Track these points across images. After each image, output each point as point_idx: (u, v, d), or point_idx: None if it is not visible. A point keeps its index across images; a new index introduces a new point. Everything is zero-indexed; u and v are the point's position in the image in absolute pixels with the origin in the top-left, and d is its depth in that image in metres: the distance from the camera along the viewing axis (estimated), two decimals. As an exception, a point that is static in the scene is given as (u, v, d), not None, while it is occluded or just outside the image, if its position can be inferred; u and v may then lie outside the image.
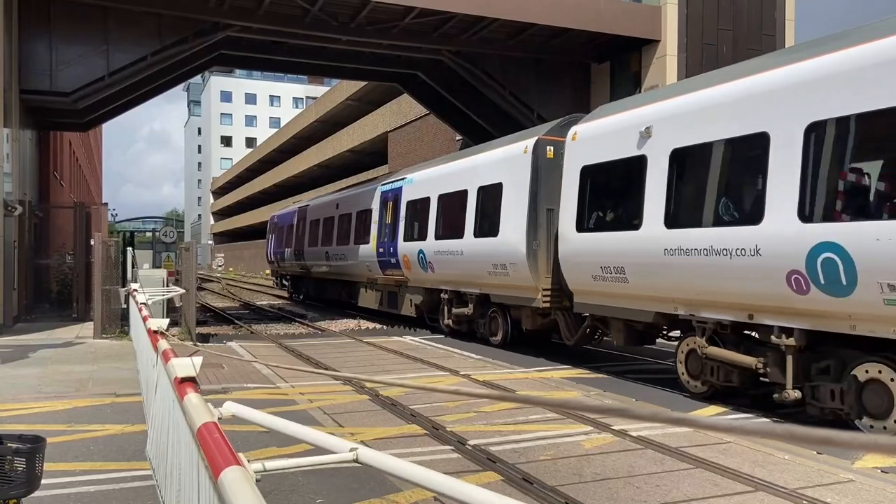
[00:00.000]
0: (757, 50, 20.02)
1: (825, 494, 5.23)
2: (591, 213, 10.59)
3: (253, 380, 9.88)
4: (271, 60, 23.12)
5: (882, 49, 6.74)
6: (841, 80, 7.06)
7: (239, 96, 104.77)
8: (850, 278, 6.84)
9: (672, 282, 8.92)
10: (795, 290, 7.36)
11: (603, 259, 10.06)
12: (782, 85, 7.73)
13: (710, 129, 8.49)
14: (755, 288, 7.80)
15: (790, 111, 7.56)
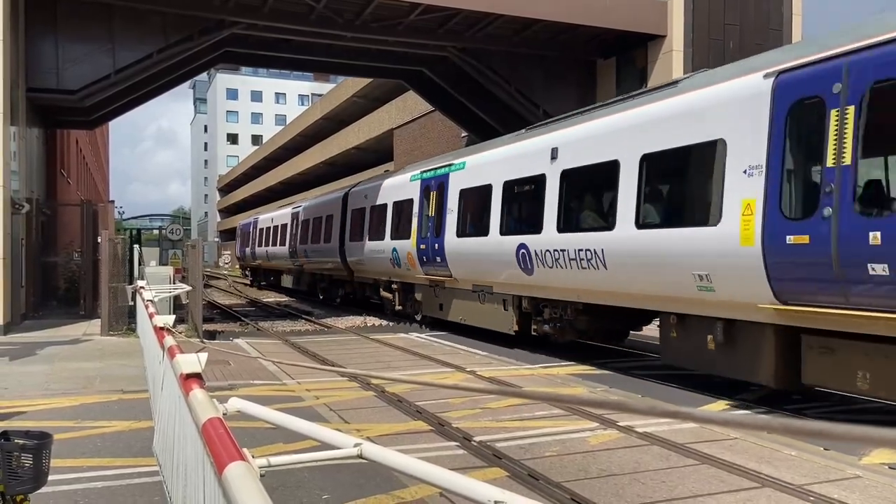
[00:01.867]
0: (763, 45, 19.93)
1: (832, 491, 5.22)
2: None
3: (259, 376, 9.91)
4: (277, 58, 23.14)
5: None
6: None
7: (245, 94, 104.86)
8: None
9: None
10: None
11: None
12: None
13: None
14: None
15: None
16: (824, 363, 7.13)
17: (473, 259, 13.64)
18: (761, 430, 1.00)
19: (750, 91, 7.75)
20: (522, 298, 12.52)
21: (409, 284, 17.27)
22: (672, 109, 8.95)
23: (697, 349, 8.60)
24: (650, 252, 9.04)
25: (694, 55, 19.12)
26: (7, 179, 14.38)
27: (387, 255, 17.57)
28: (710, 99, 8.34)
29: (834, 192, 6.70)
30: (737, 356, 8.14)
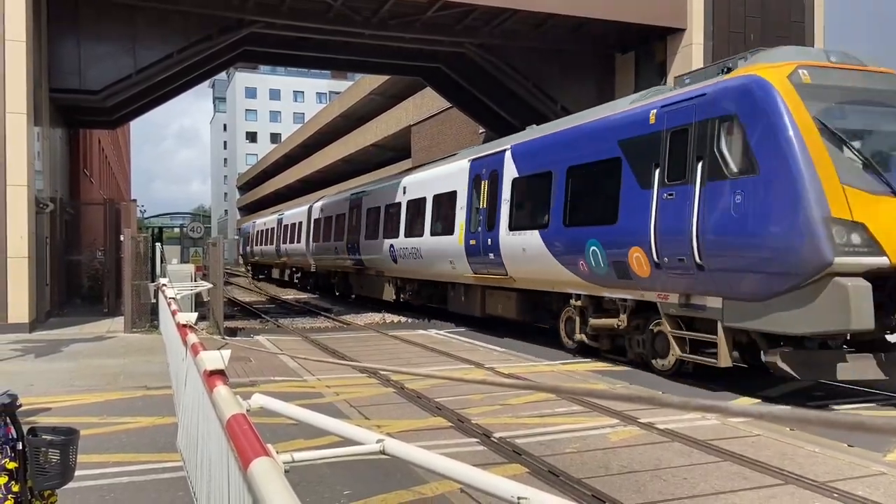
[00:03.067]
0: (785, 37, 19.66)
1: (856, 487, 5.16)
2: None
3: (280, 373, 9.99)
4: (295, 56, 23.24)
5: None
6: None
7: (263, 92, 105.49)
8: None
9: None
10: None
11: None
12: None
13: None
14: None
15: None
16: (491, 302, 14.71)
17: (374, 255, 20.40)
18: (799, 422, 1.00)
19: (463, 167, 15.32)
20: (395, 279, 19.65)
21: (346, 272, 24.35)
22: (445, 171, 16.43)
23: (461, 302, 16.02)
24: (435, 249, 16.17)
25: (714, 48, 18.91)
26: (31, 179, 14.60)
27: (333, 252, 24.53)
28: (454, 168, 15.80)
29: (482, 220, 14.07)
30: (470, 302, 15.56)
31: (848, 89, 8.33)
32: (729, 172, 8.35)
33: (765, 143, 7.97)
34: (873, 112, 8.41)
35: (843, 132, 7.94)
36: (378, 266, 20.34)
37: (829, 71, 8.42)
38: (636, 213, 9.73)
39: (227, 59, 21.27)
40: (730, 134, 8.44)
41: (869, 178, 7.72)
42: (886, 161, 8.00)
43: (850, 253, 7.40)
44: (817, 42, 19.97)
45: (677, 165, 9.14)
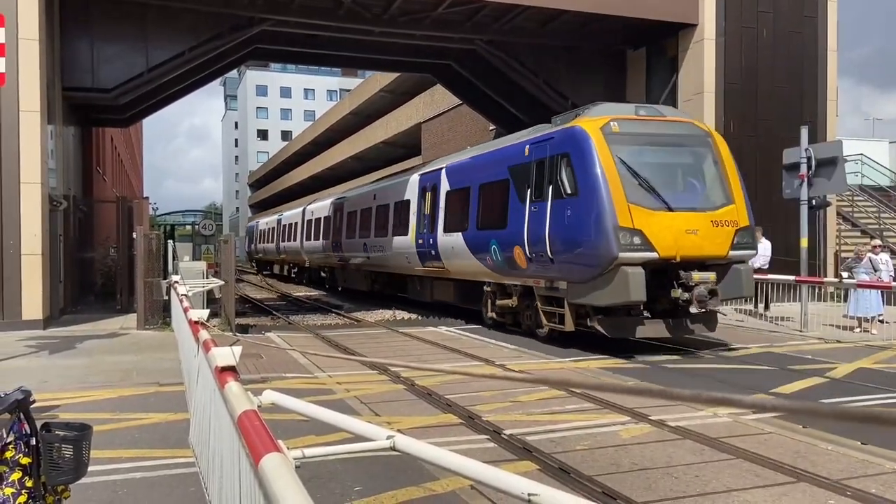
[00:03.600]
0: (798, 33, 19.51)
1: (870, 485, 5.12)
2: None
3: (291, 369, 10.02)
4: (306, 54, 23.29)
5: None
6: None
7: (274, 90, 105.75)
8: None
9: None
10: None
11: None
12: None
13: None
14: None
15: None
16: (436, 290, 17.41)
17: (353, 252, 23.16)
18: (813, 414, 0.99)
19: (414, 180, 18.14)
20: (369, 272, 22.50)
21: (332, 267, 27.17)
22: (402, 184, 19.23)
23: (416, 290, 18.91)
24: (397, 247, 18.79)
25: (726, 44, 18.79)
26: (45, 177, 14.72)
27: (321, 249, 27.85)
28: (409, 181, 18.60)
29: (427, 223, 16.77)
30: (423, 290, 18.41)
31: (645, 135, 11.50)
32: (564, 193, 11.52)
33: (582, 174, 11.14)
34: (660, 151, 11.53)
35: (634, 166, 11.05)
36: (356, 261, 23.24)
37: (634, 122, 11.59)
38: (517, 221, 12.82)
39: (238, 56, 21.35)
40: (565, 167, 11.56)
41: (648, 198, 10.88)
42: (663, 185, 11.14)
43: (630, 250, 10.54)
44: (830, 36, 19.79)
45: (539, 187, 12.27)
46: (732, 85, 18.83)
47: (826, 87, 19.76)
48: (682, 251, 10.73)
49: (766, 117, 19.14)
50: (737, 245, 11.12)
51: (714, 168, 11.77)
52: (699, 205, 11.24)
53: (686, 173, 11.77)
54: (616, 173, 10.80)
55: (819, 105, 19.68)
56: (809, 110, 19.38)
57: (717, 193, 11.51)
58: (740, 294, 11.73)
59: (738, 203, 11.39)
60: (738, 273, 11.18)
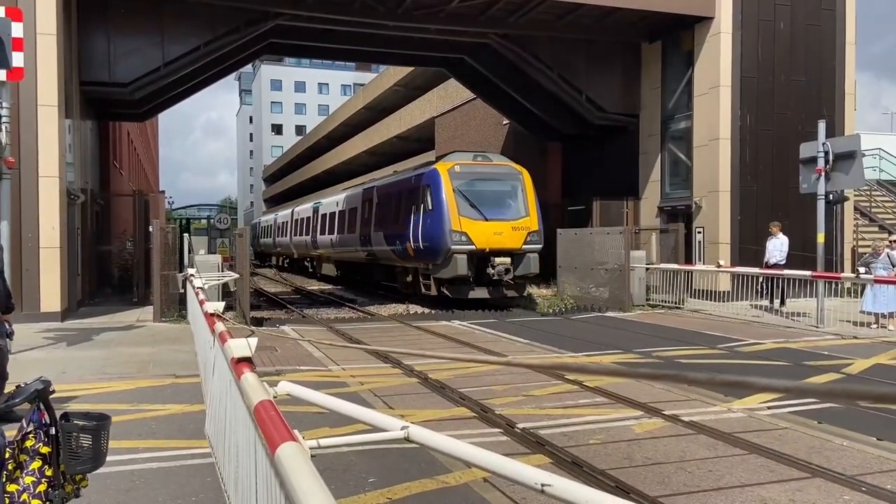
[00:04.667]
0: (817, 25, 19.29)
1: (885, 481, 5.09)
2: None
3: (305, 362, 10.09)
4: (320, 48, 23.34)
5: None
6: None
7: (288, 84, 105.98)
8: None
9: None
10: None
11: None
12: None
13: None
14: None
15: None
16: (373, 272, 23.31)
17: (325, 246, 28.71)
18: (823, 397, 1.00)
19: (360, 193, 24.01)
20: (334, 261, 28.56)
21: (312, 258, 33.07)
22: (355, 195, 24.71)
23: (364, 273, 24.84)
24: (351, 242, 23.96)
25: (743, 37, 18.60)
26: (63, 171, 14.86)
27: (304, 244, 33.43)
28: (352, 193, 25.22)
29: (366, 224, 22.80)
30: (367, 273, 24.38)
31: (475, 173, 17.93)
32: (426, 208, 17.68)
33: (435, 197, 17.40)
34: (484, 183, 17.92)
35: (465, 192, 17.34)
36: (327, 253, 29.00)
37: (470, 165, 18.11)
38: (408, 225, 18.61)
39: (253, 51, 21.42)
40: (428, 192, 17.71)
41: (472, 212, 17.15)
42: (482, 205, 17.37)
43: (459, 244, 16.78)
44: (849, 29, 19.54)
45: (416, 204, 18.30)
46: (749, 78, 18.65)
47: (844, 81, 19.53)
48: (491, 245, 17.06)
49: (783, 111, 18.96)
50: (527, 241, 17.41)
51: (519, 194, 18.01)
52: (505, 217, 17.49)
53: (499, 197, 17.95)
54: (453, 197, 17.17)
55: (837, 99, 19.45)
56: (827, 104, 19.17)
57: (517, 210, 17.78)
58: (529, 271, 17.57)
59: (531, 216, 17.67)
60: (528, 258, 17.46)
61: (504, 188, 18.07)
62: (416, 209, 18.26)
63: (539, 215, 17.82)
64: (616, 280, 17.55)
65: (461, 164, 17.94)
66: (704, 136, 18.98)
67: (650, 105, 21.20)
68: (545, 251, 18.49)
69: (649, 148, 21.30)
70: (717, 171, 18.54)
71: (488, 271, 17.10)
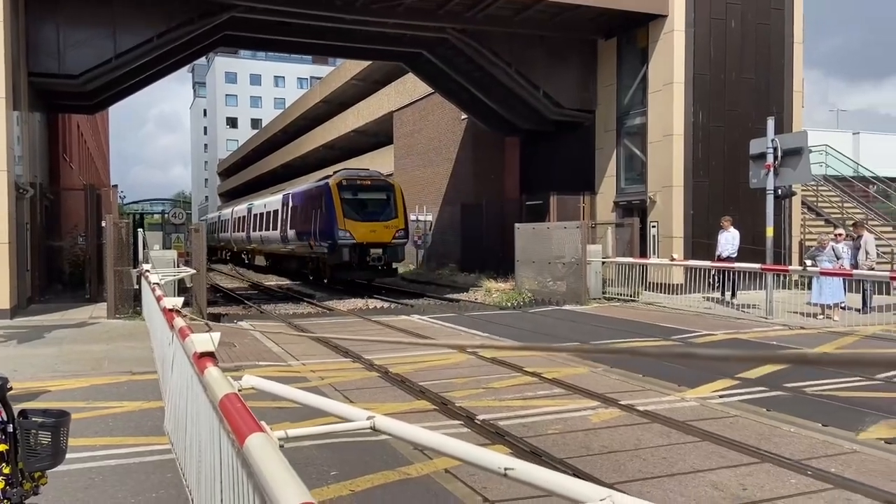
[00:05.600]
0: (766, 24, 19.83)
1: (829, 465, 5.33)
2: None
3: (265, 358, 10.03)
4: (277, 41, 23.03)
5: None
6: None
7: (243, 77, 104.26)
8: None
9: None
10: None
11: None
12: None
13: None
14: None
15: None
16: (292, 263, 28.86)
17: (257, 242, 33.70)
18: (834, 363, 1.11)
19: (279, 198, 30.13)
20: (265, 254, 33.43)
21: (248, 251, 37.61)
22: (277, 197, 31.11)
23: (284, 264, 30.00)
24: (274, 238, 30.09)
25: (696, 35, 19.02)
26: (11, 164, 14.42)
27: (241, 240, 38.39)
28: (278, 198, 30.49)
29: (284, 223, 28.61)
30: (287, 264, 29.39)
31: (358, 186, 23.22)
32: (322, 212, 23.01)
33: (328, 203, 22.71)
34: (365, 193, 23.19)
35: (349, 201, 22.61)
36: (258, 247, 34.09)
37: (355, 179, 23.54)
38: (312, 224, 24.16)
39: (208, 43, 21.04)
40: (322, 200, 23.24)
41: (354, 215, 22.37)
42: (362, 210, 22.72)
43: (344, 239, 21.97)
44: (796, 29, 20.14)
45: (317, 207, 23.84)
46: (701, 76, 19.10)
47: (792, 79, 20.14)
48: (367, 239, 22.30)
49: (735, 108, 19.46)
50: (396, 237, 22.83)
51: (391, 202, 23.33)
52: (379, 218, 22.86)
53: (375, 204, 23.28)
54: (340, 204, 22.51)
55: (785, 96, 20.05)
56: (776, 101, 19.74)
57: (389, 213, 23.14)
58: (397, 259, 23.22)
59: (399, 218, 23.14)
60: (397, 249, 22.98)
61: (380, 197, 23.51)
62: (316, 213, 23.93)
63: (406, 217, 23.89)
64: (573, 274, 17.82)
65: (348, 179, 23.61)
66: (658, 132, 19.37)
67: (606, 101, 21.53)
68: (503, 245, 22.09)
69: (605, 143, 21.64)
70: (671, 166, 18.95)
71: (367, 259, 22.50)
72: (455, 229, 30.38)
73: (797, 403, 7.31)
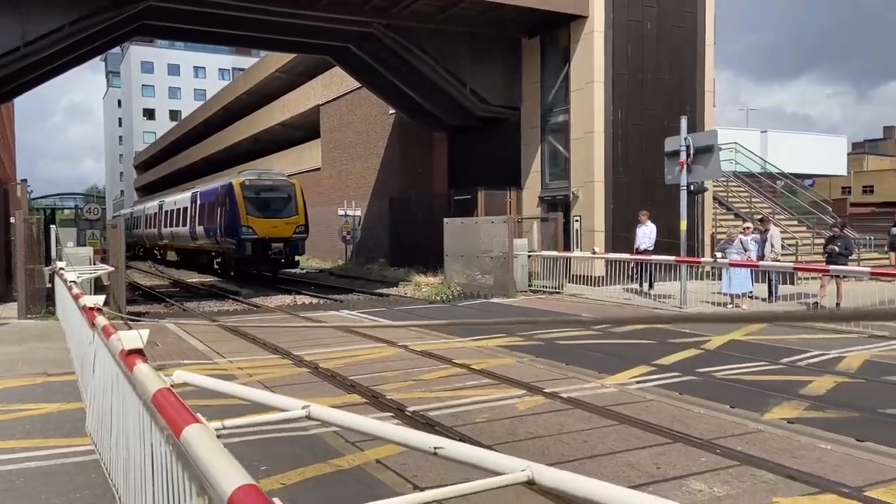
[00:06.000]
0: (680, 27, 20.70)
1: (735, 444, 5.72)
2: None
3: (189, 356, 9.85)
4: (198, 31, 22.39)
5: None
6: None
7: (161, 67, 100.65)
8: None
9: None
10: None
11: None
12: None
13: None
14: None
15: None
16: (200, 257, 30.84)
17: (168, 237, 35.27)
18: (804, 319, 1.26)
19: (188, 195, 31.92)
20: (174, 248, 35.16)
21: (160, 246, 38.76)
22: (186, 195, 32.70)
23: (195, 258, 31.72)
24: (183, 233, 31.90)
25: (614, 36, 19.66)
26: None
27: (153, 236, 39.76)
28: (187, 194, 32.40)
29: (192, 220, 30.33)
30: (197, 258, 31.17)
31: (259, 185, 25.63)
32: (226, 210, 25.06)
33: (231, 202, 24.97)
34: (266, 192, 25.52)
35: (251, 199, 24.91)
36: (170, 242, 35.51)
37: (256, 179, 26.04)
38: (217, 220, 26.02)
39: (124, 32, 20.28)
40: (227, 198, 25.33)
41: (256, 212, 24.71)
42: (264, 207, 25.12)
43: (247, 234, 24.28)
44: (708, 31, 21.09)
45: (222, 205, 25.67)
46: (620, 75, 19.76)
47: (704, 80, 21.09)
48: (269, 234, 24.46)
49: (652, 107, 20.24)
50: (296, 232, 25.26)
51: (292, 200, 25.69)
52: (280, 215, 25.10)
53: (276, 202, 25.50)
54: (243, 202, 24.62)
55: (698, 96, 20.99)
56: (689, 101, 20.64)
57: (290, 210, 25.49)
58: (298, 252, 25.87)
59: (300, 214, 25.59)
60: (297, 244, 25.51)
61: (281, 195, 25.78)
62: (222, 211, 25.81)
63: (306, 214, 26.04)
64: (500, 267, 18.18)
65: (250, 179, 25.89)
66: (580, 130, 19.94)
67: (531, 98, 21.99)
68: (432, 239, 21.76)
69: (531, 140, 22.10)
70: (593, 162, 19.55)
71: (269, 252, 24.68)
72: (384, 224, 30.37)
73: (707, 387, 7.76)
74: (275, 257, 24.72)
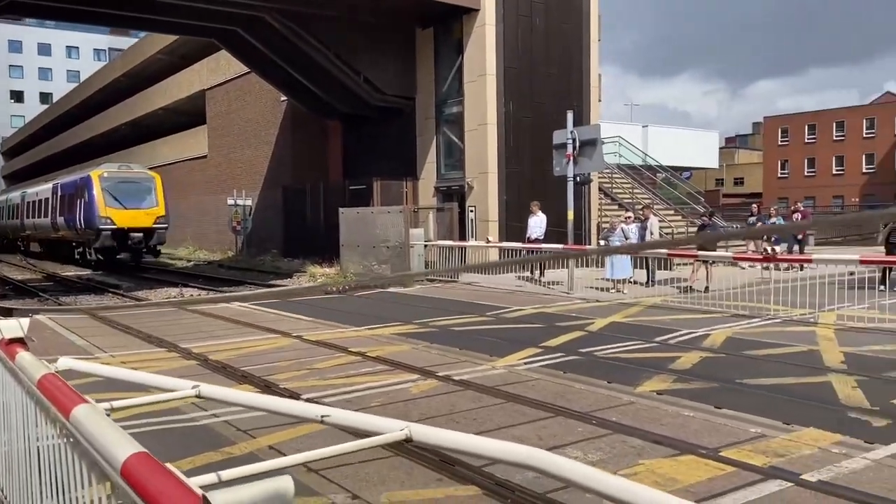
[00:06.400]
0: (567, 24, 21.53)
1: (610, 415, 6.17)
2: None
3: (68, 352, 9.38)
4: (73, 10, 21.11)
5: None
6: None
7: (30, 46, 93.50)
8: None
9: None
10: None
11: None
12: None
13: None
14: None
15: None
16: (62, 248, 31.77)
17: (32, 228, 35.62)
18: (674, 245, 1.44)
19: (49, 187, 32.93)
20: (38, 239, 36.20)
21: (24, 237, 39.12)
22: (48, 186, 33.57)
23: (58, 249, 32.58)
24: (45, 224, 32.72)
25: (505, 30, 20.18)
26: None
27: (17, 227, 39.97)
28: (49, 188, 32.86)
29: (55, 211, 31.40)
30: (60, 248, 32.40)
31: (119, 178, 27.32)
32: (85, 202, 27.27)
33: (90, 193, 26.51)
34: (125, 184, 27.18)
35: (111, 190, 26.54)
36: (32, 233, 36.44)
37: (116, 172, 27.90)
38: (76, 211, 27.46)
39: (-12, 7, 18.83)
40: (86, 190, 26.91)
41: (115, 204, 26.35)
42: (125, 199, 26.67)
43: (105, 224, 25.93)
44: (593, 29, 22.04)
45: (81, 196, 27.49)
46: (511, 69, 20.34)
47: (589, 75, 22.06)
48: (128, 224, 25.96)
49: (541, 100, 20.96)
50: (157, 222, 26.96)
51: (152, 192, 27.47)
52: (140, 206, 26.74)
53: (136, 193, 27.07)
54: (102, 194, 26.13)
55: (584, 91, 21.93)
56: (576, 95, 21.53)
57: (150, 202, 27.27)
58: (160, 241, 27.52)
59: (160, 206, 27.34)
60: (157, 234, 26.94)
61: (141, 188, 27.51)
62: (81, 202, 27.21)
63: (166, 205, 28.10)
64: (397, 257, 18.35)
65: (109, 171, 27.53)
66: (474, 121, 20.38)
67: (425, 89, 22.22)
68: (328, 230, 22.24)
69: (426, 130, 22.35)
70: (486, 154, 20.05)
71: (129, 242, 26.08)
72: (277, 214, 29.80)
73: (588, 365, 8.27)
74: (135, 246, 26.30)
